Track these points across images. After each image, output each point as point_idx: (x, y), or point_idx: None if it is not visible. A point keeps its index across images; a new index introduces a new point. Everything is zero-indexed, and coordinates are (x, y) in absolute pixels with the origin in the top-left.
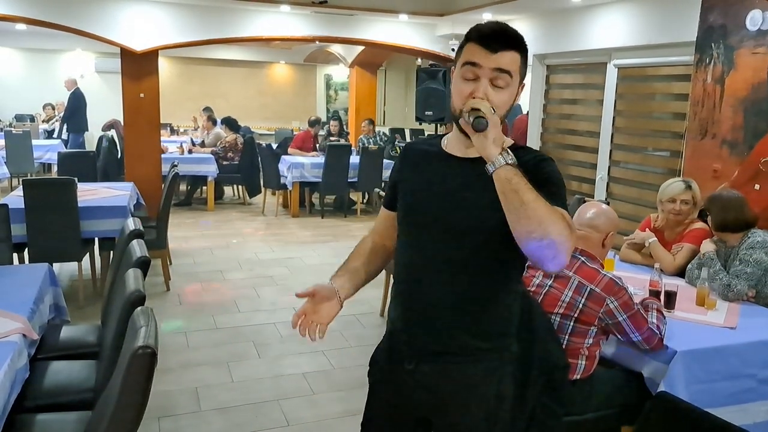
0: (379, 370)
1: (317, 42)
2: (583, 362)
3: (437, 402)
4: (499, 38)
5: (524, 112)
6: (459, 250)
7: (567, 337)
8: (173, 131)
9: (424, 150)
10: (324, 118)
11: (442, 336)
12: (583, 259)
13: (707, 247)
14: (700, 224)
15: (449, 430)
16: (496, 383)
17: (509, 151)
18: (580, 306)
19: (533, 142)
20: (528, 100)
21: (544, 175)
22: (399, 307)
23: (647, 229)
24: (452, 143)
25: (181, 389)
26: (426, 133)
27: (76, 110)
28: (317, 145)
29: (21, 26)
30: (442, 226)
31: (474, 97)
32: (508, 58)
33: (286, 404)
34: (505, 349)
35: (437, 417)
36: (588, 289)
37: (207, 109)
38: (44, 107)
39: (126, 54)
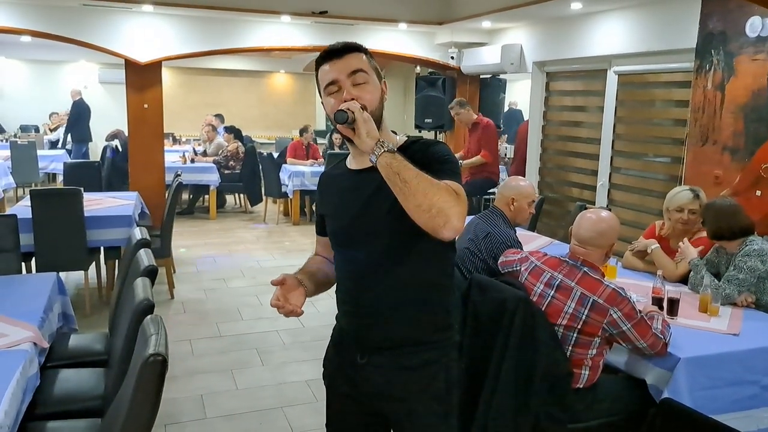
0: (332, 369)
1: (318, 52)
2: (587, 372)
3: (391, 393)
4: (337, 48)
5: (525, 119)
6: (385, 253)
7: (571, 348)
8: (175, 141)
9: (333, 175)
10: (323, 127)
11: (387, 333)
12: (585, 269)
13: (691, 253)
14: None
15: (405, 420)
16: (443, 370)
17: (385, 141)
18: (584, 317)
19: (534, 149)
20: (528, 107)
21: (431, 155)
22: (343, 314)
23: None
24: (352, 159)
25: (186, 396)
26: None
27: (78, 120)
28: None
29: (26, 38)
30: (365, 234)
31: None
32: (353, 59)
33: (290, 411)
34: (447, 338)
35: (392, 408)
36: (591, 300)
37: (219, 116)
38: (50, 116)
39: (130, 65)
